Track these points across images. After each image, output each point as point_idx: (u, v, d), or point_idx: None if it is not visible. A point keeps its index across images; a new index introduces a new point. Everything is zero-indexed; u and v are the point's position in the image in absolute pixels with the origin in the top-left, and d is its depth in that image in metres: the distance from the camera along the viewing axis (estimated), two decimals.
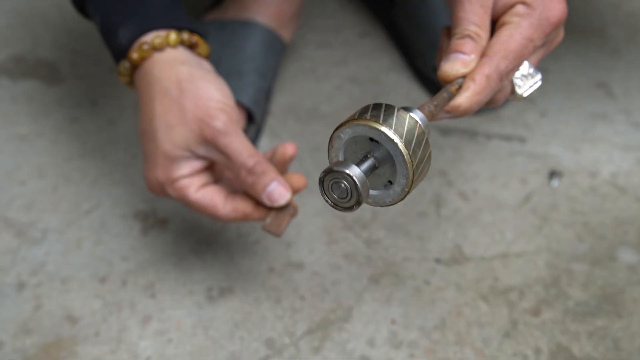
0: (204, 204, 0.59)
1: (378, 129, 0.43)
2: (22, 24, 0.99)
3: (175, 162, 0.58)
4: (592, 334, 0.65)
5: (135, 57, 0.59)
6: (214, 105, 0.58)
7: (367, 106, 0.44)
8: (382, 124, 0.43)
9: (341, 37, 0.97)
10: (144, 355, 0.64)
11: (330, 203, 0.46)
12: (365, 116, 0.43)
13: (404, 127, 0.43)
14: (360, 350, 0.64)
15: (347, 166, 0.43)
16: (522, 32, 0.52)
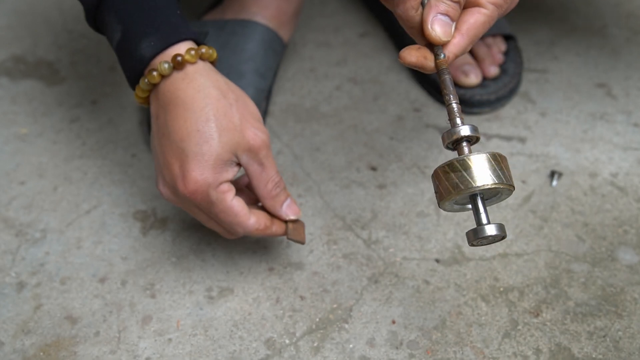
0: (237, 211, 0.62)
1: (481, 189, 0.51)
2: (22, 24, 0.99)
3: (225, 165, 0.61)
4: (592, 334, 0.65)
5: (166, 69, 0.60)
6: (259, 118, 0.63)
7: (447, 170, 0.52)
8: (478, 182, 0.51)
9: (341, 37, 0.97)
10: (144, 355, 0.64)
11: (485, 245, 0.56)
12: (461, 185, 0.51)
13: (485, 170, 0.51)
14: (360, 350, 0.64)
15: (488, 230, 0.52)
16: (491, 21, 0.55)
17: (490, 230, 0.51)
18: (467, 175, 0.51)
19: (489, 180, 0.50)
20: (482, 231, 0.52)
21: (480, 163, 0.51)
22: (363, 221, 0.74)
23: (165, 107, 0.61)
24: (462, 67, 0.85)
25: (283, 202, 0.65)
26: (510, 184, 0.52)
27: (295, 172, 0.79)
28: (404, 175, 0.79)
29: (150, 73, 0.60)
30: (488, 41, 0.88)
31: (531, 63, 0.93)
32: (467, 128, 0.52)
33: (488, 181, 0.50)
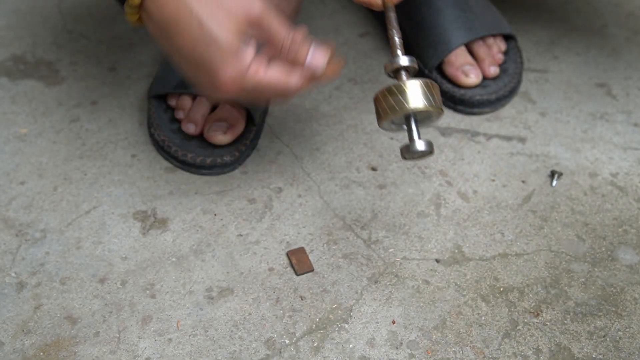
0: (277, 80, 0.62)
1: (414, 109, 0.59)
2: (22, 24, 0.99)
3: (239, 51, 0.60)
4: (592, 334, 0.65)
5: None
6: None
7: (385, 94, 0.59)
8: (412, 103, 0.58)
9: (341, 37, 0.97)
10: (144, 355, 0.64)
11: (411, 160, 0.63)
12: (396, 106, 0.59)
13: (420, 95, 0.59)
14: (360, 350, 0.64)
15: (417, 145, 0.59)
16: None
17: (420, 146, 0.59)
18: (403, 98, 0.59)
19: (421, 103, 0.58)
20: (413, 146, 0.59)
21: (415, 88, 0.59)
22: (363, 221, 0.74)
23: (160, 29, 0.62)
24: (462, 67, 0.85)
25: (305, 57, 0.63)
26: (439, 107, 0.59)
27: (295, 172, 0.79)
28: (404, 175, 0.79)
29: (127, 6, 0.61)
30: (488, 41, 0.88)
31: (531, 63, 0.93)
32: (406, 59, 0.61)
33: (420, 104, 0.58)
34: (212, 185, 0.78)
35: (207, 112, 0.80)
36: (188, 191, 0.77)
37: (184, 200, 0.76)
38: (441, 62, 0.86)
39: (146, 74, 0.91)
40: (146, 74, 0.91)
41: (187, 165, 0.78)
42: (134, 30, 0.98)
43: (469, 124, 0.85)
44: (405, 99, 0.58)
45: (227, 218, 0.75)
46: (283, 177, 0.78)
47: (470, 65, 0.85)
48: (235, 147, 0.79)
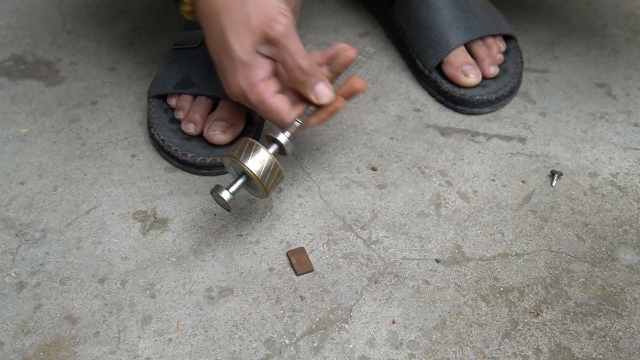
0: (278, 109, 0.67)
1: (239, 165, 0.65)
2: (22, 24, 0.99)
3: (250, 67, 0.65)
4: (592, 334, 0.65)
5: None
6: (275, 10, 0.65)
7: (245, 142, 0.65)
8: (245, 162, 0.64)
9: (341, 37, 0.97)
10: (144, 355, 0.64)
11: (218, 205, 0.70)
12: (239, 154, 0.64)
13: (258, 162, 0.64)
14: (360, 350, 0.64)
15: (222, 191, 0.65)
16: None
17: (225, 195, 0.65)
18: (249, 154, 0.64)
19: (255, 169, 0.64)
20: (221, 191, 0.65)
21: (262, 158, 0.64)
22: (363, 221, 0.74)
23: (202, 26, 0.69)
24: (462, 67, 0.85)
25: (312, 87, 0.66)
26: (266, 188, 0.65)
27: (295, 172, 0.79)
28: (404, 175, 0.79)
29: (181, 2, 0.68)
30: (488, 41, 0.88)
31: (531, 63, 0.93)
32: (285, 138, 0.66)
33: (254, 168, 0.64)
34: (212, 185, 0.78)
35: (207, 112, 0.80)
36: (188, 191, 0.77)
37: (184, 200, 0.76)
38: (441, 62, 0.86)
39: (146, 74, 0.91)
40: (146, 74, 0.91)
41: (187, 165, 0.78)
42: (134, 30, 0.98)
43: (469, 124, 0.85)
44: (250, 157, 0.64)
45: (227, 218, 0.75)
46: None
47: (470, 65, 0.85)
48: None
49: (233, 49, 0.65)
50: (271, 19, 0.64)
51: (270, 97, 0.66)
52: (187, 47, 0.84)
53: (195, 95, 0.81)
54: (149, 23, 0.99)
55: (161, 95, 0.83)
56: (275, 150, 0.67)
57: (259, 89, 0.66)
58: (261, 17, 0.64)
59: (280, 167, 0.65)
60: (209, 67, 0.82)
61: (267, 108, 0.67)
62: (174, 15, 1.01)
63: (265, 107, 0.67)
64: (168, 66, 0.84)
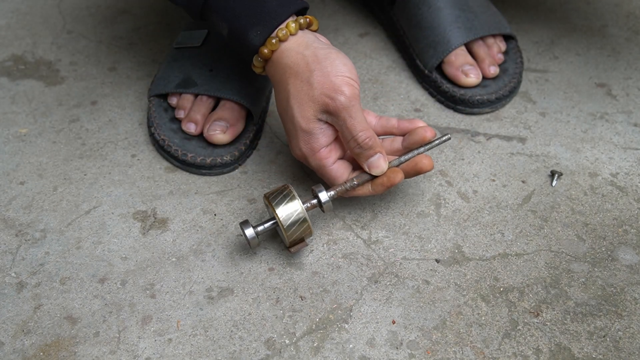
0: (337, 175, 0.70)
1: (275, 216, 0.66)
2: (22, 24, 0.99)
3: (312, 134, 0.68)
4: (592, 334, 0.65)
5: (266, 52, 0.68)
6: (340, 81, 0.66)
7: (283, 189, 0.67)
8: (277, 210, 0.66)
9: (341, 37, 0.97)
10: (144, 355, 0.64)
11: None
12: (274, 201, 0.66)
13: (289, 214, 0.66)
14: (360, 350, 0.64)
15: (248, 229, 0.66)
16: None
17: (248, 233, 0.66)
18: (283, 202, 0.66)
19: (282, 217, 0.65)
20: (247, 227, 0.66)
21: (295, 208, 0.66)
22: (363, 221, 0.74)
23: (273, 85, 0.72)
24: (462, 67, 0.85)
25: (367, 159, 0.68)
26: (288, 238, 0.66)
27: (295, 172, 0.79)
28: None
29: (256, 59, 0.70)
30: (488, 41, 0.88)
31: (531, 63, 0.93)
32: (327, 197, 0.68)
33: (281, 216, 0.65)
34: (212, 185, 0.78)
35: (207, 112, 0.80)
36: (188, 191, 0.77)
37: (184, 200, 0.76)
38: (441, 62, 0.86)
39: (146, 74, 0.91)
40: (146, 73, 0.91)
41: (187, 165, 0.78)
42: (134, 30, 0.98)
43: (469, 124, 0.85)
44: (283, 204, 0.66)
45: (227, 218, 0.75)
46: (283, 177, 0.78)
47: (470, 65, 0.85)
48: (235, 147, 0.79)
49: (295, 116, 0.67)
50: (335, 90, 0.65)
51: (330, 164, 0.69)
52: (188, 47, 0.84)
53: (196, 95, 0.81)
54: (149, 23, 0.99)
55: (162, 95, 0.83)
56: (311, 205, 0.68)
57: (320, 156, 0.69)
58: (325, 87, 0.66)
59: (310, 223, 0.66)
60: (210, 67, 0.82)
61: (326, 174, 0.70)
62: (174, 15, 1.01)
63: (324, 173, 0.70)
64: (169, 65, 0.84)
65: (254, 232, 0.66)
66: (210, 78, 0.80)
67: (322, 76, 0.66)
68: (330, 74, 0.66)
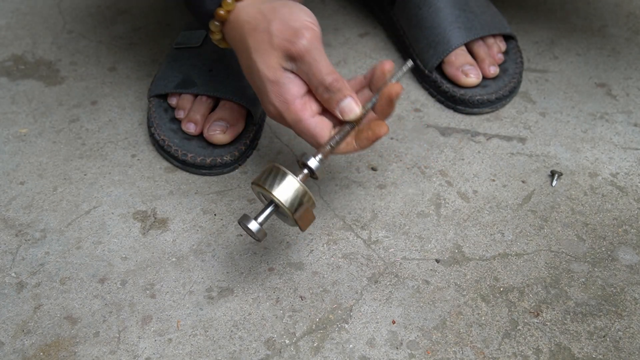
0: (316, 132, 0.64)
1: (273, 198, 0.60)
2: (22, 24, 0.99)
3: (280, 84, 0.63)
4: (592, 334, 0.65)
5: (222, 14, 0.66)
6: (300, 25, 0.63)
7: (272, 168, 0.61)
8: (274, 191, 0.60)
9: (341, 37, 0.97)
10: (144, 355, 0.64)
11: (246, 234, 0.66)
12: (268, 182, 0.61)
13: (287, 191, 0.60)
14: (360, 350, 0.64)
15: (250, 222, 0.61)
16: None
17: (253, 226, 0.61)
18: (276, 182, 0.60)
19: (283, 199, 0.60)
20: (248, 221, 0.61)
21: (291, 185, 0.60)
22: (363, 221, 0.74)
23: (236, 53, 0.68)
24: (462, 67, 0.85)
25: (337, 103, 0.63)
26: (295, 216, 0.61)
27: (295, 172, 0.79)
28: (404, 175, 0.79)
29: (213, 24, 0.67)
30: (488, 41, 0.88)
31: (531, 63, 0.93)
32: (316, 163, 0.62)
33: (282, 198, 0.60)
34: (212, 185, 0.78)
35: (207, 112, 0.80)
36: (188, 191, 0.77)
37: (184, 200, 0.76)
38: (441, 62, 0.86)
39: (146, 74, 0.91)
40: (146, 73, 0.91)
41: (187, 165, 0.78)
42: (134, 30, 0.98)
43: (469, 124, 0.85)
44: (279, 186, 0.60)
45: (227, 218, 0.75)
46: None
47: (470, 65, 0.85)
48: (235, 147, 0.79)
49: (260, 68, 0.64)
50: (295, 34, 0.62)
51: (307, 117, 0.64)
52: (188, 47, 0.84)
53: (196, 95, 0.81)
54: (149, 23, 0.99)
55: (162, 95, 0.83)
56: (304, 176, 0.63)
57: (295, 108, 0.64)
58: (285, 33, 0.63)
59: (310, 194, 0.61)
60: (210, 67, 0.82)
61: (303, 129, 0.64)
62: (174, 15, 1.01)
63: (302, 128, 0.64)
64: (169, 65, 0.84)
65: (258, 225, 0.61)
66: (209, 78, 0.80)
67: (281, 23, 0.63)
68: (289, 20, 0.63)
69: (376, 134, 0.63)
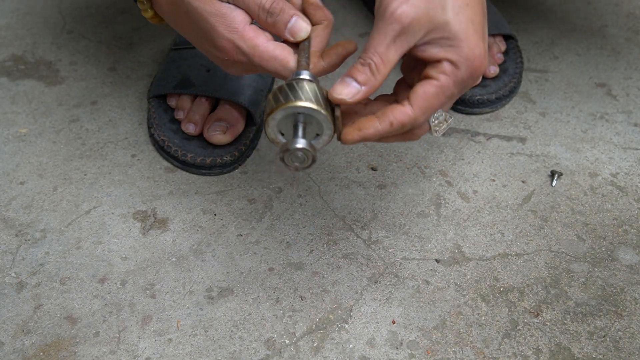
0: (276, 54, 0.58)
1: (300, 106, 0.53)
2: (22, 24, 0.99)
3: (225, 15, 0.58)
4: (592, 334, 0.65)
5: None
6: None
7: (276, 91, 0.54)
8: (298, 100, 0.53)
9: (341, 37, 0.97)
10: (144, 355, 0.64)
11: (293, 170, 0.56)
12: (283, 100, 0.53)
13: (310, 94, 0.53)
14: (360, 350, 0.64)
15: (296, 142, 0.53)
16: (445, 92, 0.54)
17: (300, 143, 0.53)
18: (293, 94, 0.53)
19: (313, 104, 0.53)
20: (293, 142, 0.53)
21: (308, 87, 0.53)
22: (363, 221, 0.74)
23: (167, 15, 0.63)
24: None
25: (285, 25, 0.58)
26: (332, 115, 0.54)
27: (295, 172, 0.79)
28: (404, 175, 0.79)
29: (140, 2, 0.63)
30: (488, 41, 0.88)
31: (531, 63, 0.93)
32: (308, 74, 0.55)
33: (310, 104, 0.53)
34: (212, 185, 0.78)
35: (207, 113, 0.80)
36: (188, 191, 0.77)
37: (184, 200, 0.76)
38: None
39: (146, 74, 0.91)
40: (146, 74, 0.91)
41: (187, 165, 0.78)
42: (134, 30, 0.98)
43: (469, 124, 0.85)
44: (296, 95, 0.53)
45: (227, 218, 0.75)
46: (283, 177, 0.78)
47: None
48: (235, 147, 0.79)
49: (197, 6, 0.58)
50: None
51: (264, 41, 0.58)
52: (186, 48, 0.84)
53: (195, 96, 0.81)
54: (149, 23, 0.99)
55: (161, 95, 0.83)
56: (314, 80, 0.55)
57: (248, 34, 0.58)
58: None
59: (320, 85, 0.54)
60: (208, 67, 0.82)
61: (263, 54, 0.58)
62: None
63: (261, 54, 0.58)
64: (168, 66, 0.84)
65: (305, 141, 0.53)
66: (208, 78, 0.80)
67: None
68: None
69: (347, 49, 0.58)
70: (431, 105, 0.54)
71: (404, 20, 0.51)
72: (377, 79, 0.53)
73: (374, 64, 0.53)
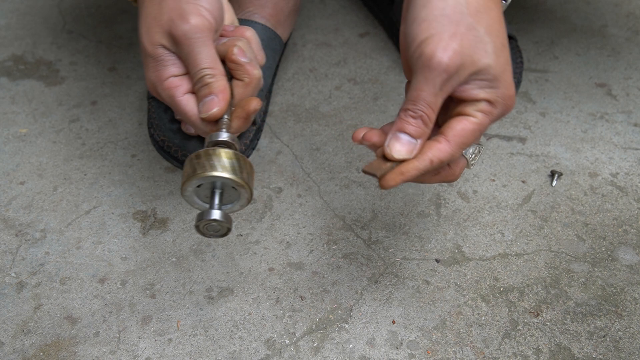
0: (188, 108, 0.60)
1: (215, 176, 0.54)
2: (22, 24, 0.99)
3: (159, 60, 0.60)
4: (592, 334, 0.65)
5: None
6: (191, 8, 0.59)
7: (192, 158, 0.55)
8: (213, 170, 0.53)
9: (341, 37, 0.97)
10: (144, 355, 0.64)
11: (211, 237, 0.58)
12: (199, 170, 0.54)
13: (226, 162, 0.54)
14: (360, 350, 0.64)
15: (211, 213, 0.54)
16: (482, 129, 0.55)
17: (215, 214, 0.54)
18: (208, 163, 0.54)
19: (227, 173, 0.53)
20: (208, 213, 0.54)
21: (225, 156, 0.54)
22: (363, 221, 0.74)
23: None
24: None
25: (202, 98, 0.60)
26: (247, 184, 0.54)
27: (295, 172, 0.79)
28: None
29: None
30: None
31: (531, 63, 0.93)
32: (226, 135, 0.57)
33: (225, 173, 0.53)
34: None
35: None
36: None
37: (184, 200, 0.76)
38: None
39: None
40: None
41: None
42: (134, 30, 0.98)
43: None
44: (212, 164, 0.54)
45: None
46: (283, 177, 0.78)
47: None
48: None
49: (142, 41, 0.61)
50: (181, 16, 0.58)
51: (180, 94, 0.60)
52: None
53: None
54: None
55: None
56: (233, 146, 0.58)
57: (168, 85, 0.60)
58: (173, 13, 0.59)
59: (244, 156, 0.56)
60: None
61: (177, 106, 0.61)
62: None
63: (175, 105, 0.61)
64: None
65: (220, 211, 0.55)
66: None
67: (175, 1, 0.59)
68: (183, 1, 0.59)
69: (246, 110, 0.60)
70: (468, 141, 0.55)
71: (451, 69, 0.51)
72: (429, 127, 0.54)
73: (426, 116, 0.53)
